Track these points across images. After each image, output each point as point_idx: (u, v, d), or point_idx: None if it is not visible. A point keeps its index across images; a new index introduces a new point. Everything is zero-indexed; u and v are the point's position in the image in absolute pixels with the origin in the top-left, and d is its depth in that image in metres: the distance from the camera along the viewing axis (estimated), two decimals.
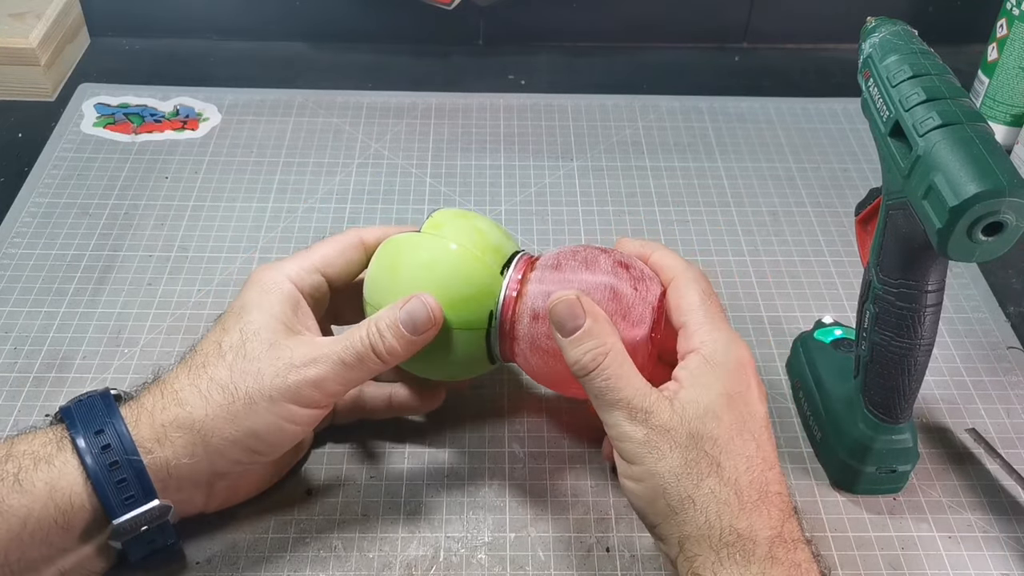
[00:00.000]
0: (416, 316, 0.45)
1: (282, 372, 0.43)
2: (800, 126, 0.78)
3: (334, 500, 0.49)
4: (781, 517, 0.40)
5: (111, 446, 0.41)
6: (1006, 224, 0.37)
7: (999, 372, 0.58)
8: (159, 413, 0.42)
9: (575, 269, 0.46)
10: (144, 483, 0.41)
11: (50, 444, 0.41)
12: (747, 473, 0.40)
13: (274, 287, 0.46)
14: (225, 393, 0.42)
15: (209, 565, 0.46)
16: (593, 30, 0.87)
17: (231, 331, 0.44)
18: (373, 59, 0.84)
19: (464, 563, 0.47)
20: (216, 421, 0.42)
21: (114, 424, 0.41)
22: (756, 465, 0.40)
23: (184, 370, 0.44)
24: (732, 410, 0.41)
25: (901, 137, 0.41)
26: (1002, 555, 0.48)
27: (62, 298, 0.60)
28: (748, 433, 0.41)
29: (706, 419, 0.41)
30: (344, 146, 0.74)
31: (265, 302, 0.45)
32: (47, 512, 0.40)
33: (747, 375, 0.43)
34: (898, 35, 0.43)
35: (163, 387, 0.43)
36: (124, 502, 0.41)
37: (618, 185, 0.71)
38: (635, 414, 0.41)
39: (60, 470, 0.40)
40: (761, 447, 0.41)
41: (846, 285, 0.63)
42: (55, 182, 0.69)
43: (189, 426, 0.42)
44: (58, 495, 0.40)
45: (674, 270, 0.46)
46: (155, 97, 0.78)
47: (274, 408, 0.43)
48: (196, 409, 0.42)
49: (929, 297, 0.43)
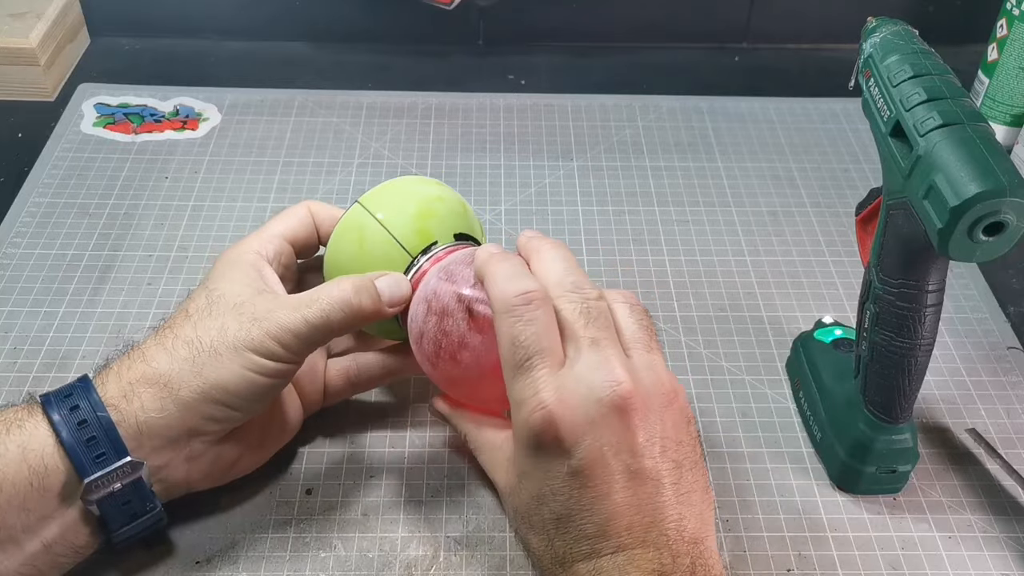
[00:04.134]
0: (395, 289, 0.46)
1: (245, 324, 0.43)
2: (800, 126, 0.78)
3: (334, 500, 0.49)
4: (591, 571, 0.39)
5: (79, 407, 0.42)
6: (1007, 224, 0.37)
7: (999, 372, 0.58)
8: (125, 372, 0.43)
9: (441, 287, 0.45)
10: (113, 439, 0.41)
11: (21, 412, 0.42)
12: (548, 548, 0.40)
13: (238, 259, 0.47)
14: (190, 347, 0.43)
15: (209, 565, 0.46)
16: (593, 30, 0.87)
17: (197, 299, 0.45)
18: (373, 59, 0.84)
19: (464, 563, 0.47)
20: (182, 374, 0.42)
21: (84, 389, 0.42)
22: (555, 538, 0.40)
23: (152, 336, 0.45)
24: (528, 488, 0.41)
25: (902, 137, 0.41)
26: (1002, 555, 0.48)
27: (62, 298, 0.60)
28: (546, 509, 0.40)
29: (509, 499, 0.43)
30: (344, 146, 0.74)
31: (230, 272, 0.46)
32: (21, 475, 0.40)
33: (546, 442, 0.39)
34: (899, 35, 0.43)
35: (131, 352, 0.44)
36: (95, 460, 0.41)
37: (618, 185, 0.71)
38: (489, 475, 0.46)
39: (31, 433, 0.41)
40: (562, 519, 0.39)
41: (846, 285, 0.63)
42: (55, 182, 0.69)
43: (155, 380, 0.42)
44: (30, 456, 0.40)
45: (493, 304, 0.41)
46: (155, 97, 0.78)
47: (239, 358, 0.43)
48: (161, 364, 0.43)
49: (929, 297, 0.43)
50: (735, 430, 0.54)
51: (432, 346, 0.45)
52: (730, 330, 0.60)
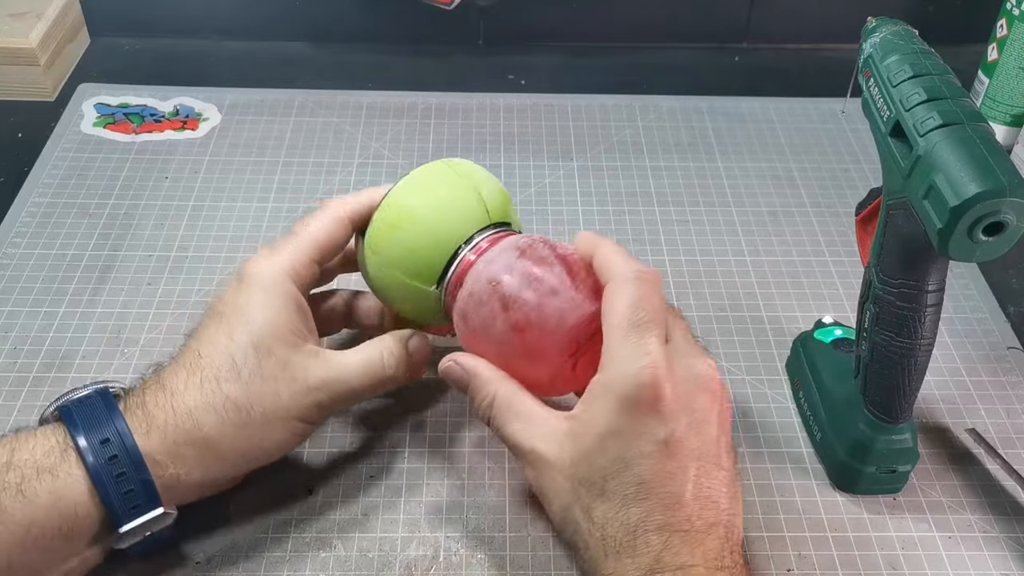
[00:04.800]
0: (418, 351, 0.48)
1: (298, 395, 0.43)
2: (800, 126, 0.78)
3: (334, 500, 0.49)
4: (652, 555, 0.38)
5: (118, 457, 0.40)
6: (1007, 224, 0.38)
7: (999, 372, 0.58)
8: (171, 431, 0.42)
9: (511, 270, 0.45)
10: (150, 492, 0.41)
11: (53, 453, 0.40)
12: (619, 514, 0.39)
13: (274, 287, 0.44)
14: (241, 412, 0.42)
15: (209, 565, 0.46)
16: (593, 30, 0.87)
17: (241, 343, 0.43)
18: (373, 59, 0.84)
19: (464, 563, 0.47)
20: (229, 439, 0.42)
21: (119, 432, 0.41)
22: (631, 504, 0.39)
23: (193, 381, 0.42)
24: (612, 448, 0.39)
25: (902, 137, 0.41)
26: (1002, 555, 0.48)
27: (62, 298, 0.60)
28: (630, 473, 0.39)
29: (580, 464, 0.40)
30: (344, 146, 0.74)
31: (270, 308, 0.44)
32: (51, 522, 0.40)
33: (647, 401, 0.39)
34: (899, 35, 0.43)
35: (173, 399, 0.42)
36: (130, 510, 0.41)
37: (618, 185, 0.71)
38: (525, 457, 0.42)
39: (64, 481, 0.40)
40: (644, 485, 0.39)
41: (846, 285, 0.63)
42: (55, 182, 0.69)
43: (203, 444, 0.42)
44: (63, 505, 0.40)
45: (611, 272, 0.42)
46: (155, 97, 0.78)
47: (287, 426, 0.44)
48: (212, 429, 0.42)
49: (929, 297, 0.43)
50: (735, 430, 0.54)
51: (500, 321, 0.44)
52: (730, 330, 0.60)
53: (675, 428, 0.39)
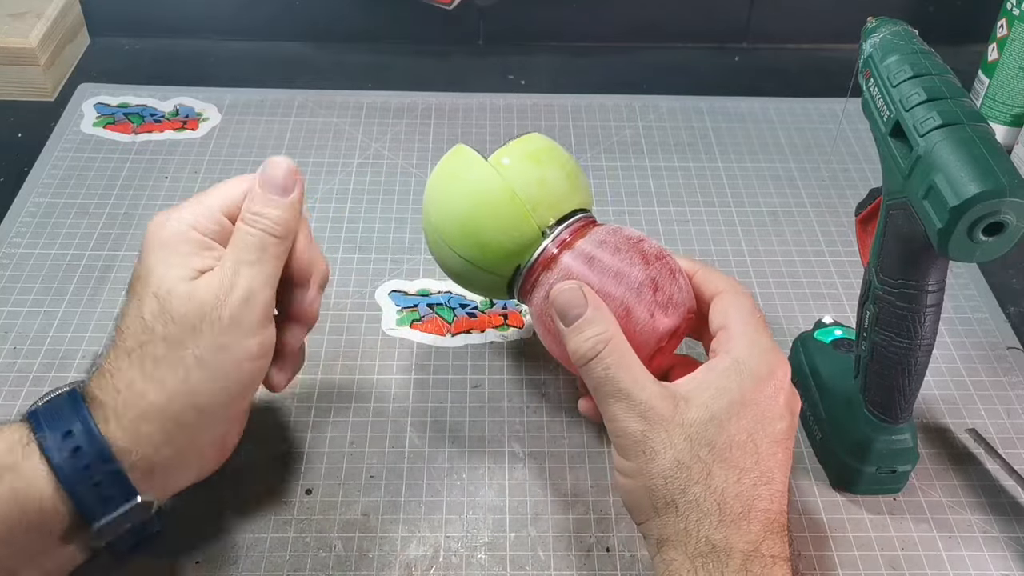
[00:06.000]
0: (275, 176, 0.44)
1: (212, 316, 0.41)
2: (800, 126, 0.78)
3: (334, 500, 0.49)
4: (762, 533, 0.39)
5: (81, 448, 0.39)
6: (1006, 224, 0.37)
7: (999, 372, 0.58)
8: (121, 410, 0.40)
9: (620, 255, 0.45)
10: (122, 483, 0.40)
11: (14, 450, 0.39)
12: (736, 485, 0.40)
13: (172, 239, 0.42)
14: (174, 368, 0.40)
15: (209, 565, 0.46)
16: (593, 30, 0.87)
17: (146, 299, 0.41)
18: (373, 59, 0.84)
19: (464, 563, 0.47)
20: (177, 397, 0.40)
21: (81, 423, 0.40)
22: (748, 478, 0.40)
23: (122, 356, 0.41)
24: (741, 419, 0.40)
25: (901, 137, 0.41)
26: (1002, 555, 0.48)
27: (62, 298, 0.60)
28: (751, 445, 0.40)
29: (708, 425, 0.40)
30: (344, 146, 0.74)
31: (169, 257, 0.42)
32: (15, 519, 0.38)
33: (775, 387, 0.42)
34: (899, 35, 0.43)
35: (113, 380, 0.41)
36: (103, 503, 0.40)
37: (618, 185, 0.71)
38: (633, 407, 0.40)
39: (27, 477, 0.39)
40: (761, 461, 0.40)
41: (846, 285, 0.63)
42: (55, 182, 0.69)
43: (155, 413, 0.40)
44: (24, 500, 0.38)
45: (723, 283, 0.46)
46: (155, 97, 0.78)
47: (226, 354, 0.41)
48: (155, 394, 0.40)
49: (929, 297, 0.43)
50: None
51: (638, 271, 0.44)
52: None
53: (791, 423, 0.42)
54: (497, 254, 0.47)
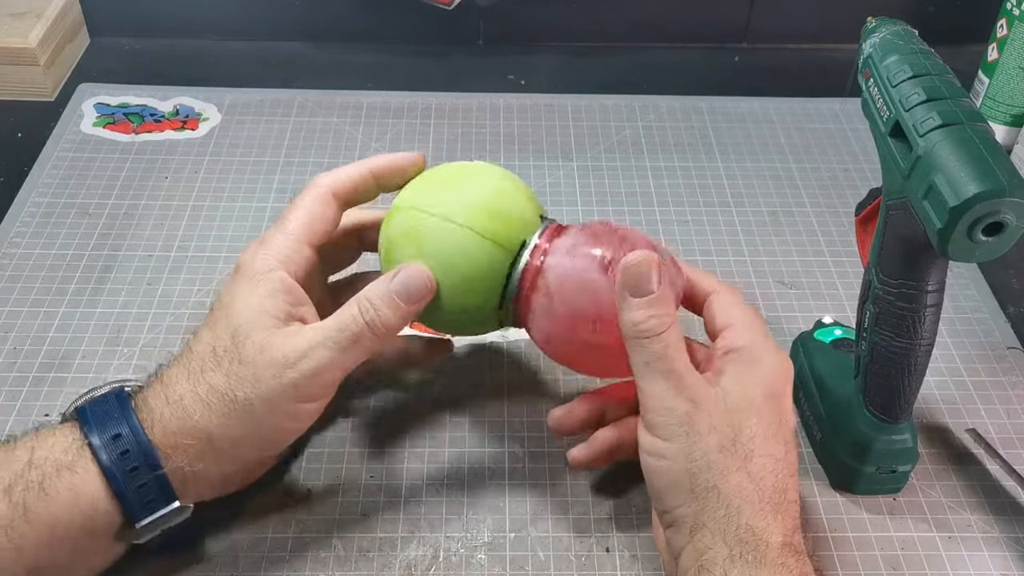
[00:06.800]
0: (411, 286, 0.44)
1: (278, 373, 0.42)
2: (800, 126, 0.78)
3: (334, 500, 0.49)
4: (793, 526, 0.40)
5: (129, 452, 0.41)
6: (1006, 224, 0.37)
7: (999, 372, 0.58)
8: (167, 421, 0.42)
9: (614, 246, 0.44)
10: (164, 487, 0.42)
11: (70, 450, 0.41)
12: (772, 474, 0.40)
13: (262, 277, 0.44)
14: (224, 400, 0.42)
15: (209, 565, 0.46)
16: (593, 30, 0.87)
17: (222, 333, 0.43)
18: (373, 59, 0.84)
19: (464, 563, 0.47)
20: (218, 427, 0.42)
21: (131, 428, 0.41)
22: (781, 468, 0.41)
23: (183, 373, 0.43)
24: (770, 410, 0.42)
25: (901, 137, 0.41)
26: (1002, 555, 0.48)
27: (62, 298, 0.60)
28: (780, 436, 0.41)
29: (748, 411, 0.41)
30: (344, 146, 0.74)
31: (254, 297, 0.43)
32: (73, 520, 0.40)
33: (789, 382, 0.44)
34: (898, 35, 0.43)
35: (167, 390, 0.43)
36: (145, 505, 0.41)
37: (618, 185, 0.71)
38: (683, 388, 0.41)
39: (83, 477, 0.40)
40: (788, 452, 0.42)
41: (846, 285, 0.63)
42: (55, 182, 0.69)
43: (195, 433, 0.42)
44: (83, 502, 0.40)
45: (714, 282, 0.47)
46: (155, 97, 0.78)
47: (275, 411, 0.43)
48: (201, 418, 0.42)
49: (929, 297, 0.43)
50: None
51: None
52: None
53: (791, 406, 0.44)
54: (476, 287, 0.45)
